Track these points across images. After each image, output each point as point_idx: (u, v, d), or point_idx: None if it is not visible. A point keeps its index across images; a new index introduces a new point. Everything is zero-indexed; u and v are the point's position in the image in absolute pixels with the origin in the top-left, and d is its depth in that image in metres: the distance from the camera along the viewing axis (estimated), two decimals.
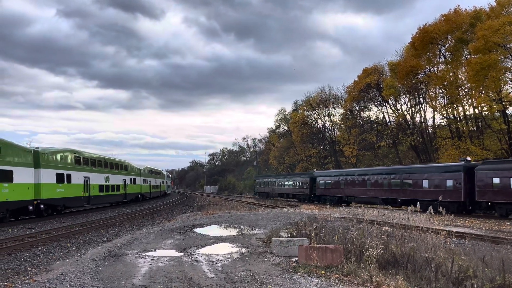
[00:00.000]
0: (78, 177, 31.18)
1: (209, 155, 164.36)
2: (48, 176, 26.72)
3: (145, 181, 53.86)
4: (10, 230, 19.73)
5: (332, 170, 47.69)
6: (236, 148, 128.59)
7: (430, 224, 10.97)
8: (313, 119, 68.12)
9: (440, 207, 9.95)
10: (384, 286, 7.65)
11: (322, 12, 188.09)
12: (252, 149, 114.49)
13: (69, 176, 29.71)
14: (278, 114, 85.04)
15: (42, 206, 25.77)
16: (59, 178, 28.24)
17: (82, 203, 31.97)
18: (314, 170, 50.73)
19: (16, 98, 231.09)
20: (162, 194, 70.40)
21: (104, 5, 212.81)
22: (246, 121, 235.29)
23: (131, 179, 45.99)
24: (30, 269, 10.52)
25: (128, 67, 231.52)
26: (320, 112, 66.35)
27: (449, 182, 27.40)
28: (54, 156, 28.02)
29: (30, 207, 24.42)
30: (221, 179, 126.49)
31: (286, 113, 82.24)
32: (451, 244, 10.40)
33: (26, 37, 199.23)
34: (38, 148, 27.60)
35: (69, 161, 30.32)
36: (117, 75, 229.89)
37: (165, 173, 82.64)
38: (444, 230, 10.33)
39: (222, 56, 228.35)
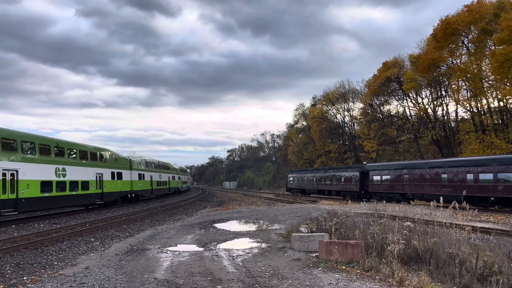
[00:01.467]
0: (147, 176, 44.52)
1: (228, 151, 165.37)
2: (135, 175, 40.22)
3: (179, 178, 68.24)
4: (36, 225, 20.29)
5: (391, 163, 39.44)
6: (254, 144, 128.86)
7: (454, 219, 10.76)
8: (332, 114, 67.63)
9: None
10: (406, 282, 7.56)
11: (339, 6, 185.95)
12: (270, 144, 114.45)
13: (143, 175, 43.12)
14: (296, 110, 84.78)
15: (133, 195, 39.36)
16: (140, 177, 41.82)
17: (149, 194, 45.81)
18: (365, 163, 44.70)
19: (40, 97, 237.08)
20: (188, 188, 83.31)
21: (121, 4, 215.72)
22: (263, 117, 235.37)
23: (172, 176, 60.69)
24: (56, 263, 10.81)
25: (147, 65, 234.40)
26: (339, 106, 65.76)
27: None
28: (137, 162, 41.91)
29: (129, 196, 38.27)
30: (240, 175, 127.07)
31: (305, 108, 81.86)
32: (476, 240, 10.19)
33: (48, 37, 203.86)
34: (129, 157, 41.92)
35: (142, 166, 43.69)
36: (136, 73, 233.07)
37: (178, 167, 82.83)
38: (468, 225, 10.13)
39: (238, 52, 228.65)
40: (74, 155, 28.16)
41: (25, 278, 9.05)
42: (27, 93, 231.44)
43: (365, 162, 45.63)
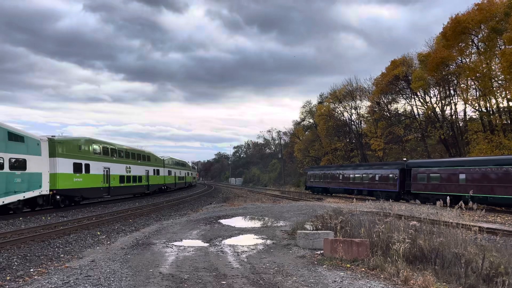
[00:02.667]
0: (173, 172, 56.51)
1: (234, 147, 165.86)
2: (166, 172, 52.55)
3: (191, 174, 77.72)
4: (43, 218, 20.48)
5: (443, 159, 34.76)
6: (261, 140, 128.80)
7: (460, 219, 10.70)
8: (339, 111, 67.29)
9: None
10: (411, 281, 7.53)
11: (346, 3, 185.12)
12: (276, 141, 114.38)
13: (170, 171, 54.93)
14: (303, 107, 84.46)
15: (164, 187, 51.50)
16: (169, 173, 54.06)
17: (174, 186, 57.54)
18: (405, 159, 40.07)
19: (47, 91, 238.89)
20: (195, 184, 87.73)
21: None
22: (269, 114, 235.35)
23: (187, 172, 71.43)
24: (62, 255, 10.91)
25: (153, 60, 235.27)
26: (347, 104, 65.41)
27: None
28: (167, 161, 53.46)
29: (162, 188, 50.54)
30: (246, 172, 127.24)
31: (312, 105, 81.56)
32: (482, 240, 10.12)
33: (56, 31, 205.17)
34: (163, 156, 53.60)
35: (170, 164, 55.24)
36: (142, 68, 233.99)
37: (190, 164, 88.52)
38: (475, 225, 10.07)
39: (245, 48, 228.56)
40: (134, 158, 39.37)
41: (31, 270, 9.15)
42: (35, 86, 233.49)
43: (405, 158, 40.56)
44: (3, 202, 19.76)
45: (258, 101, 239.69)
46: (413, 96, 51.84)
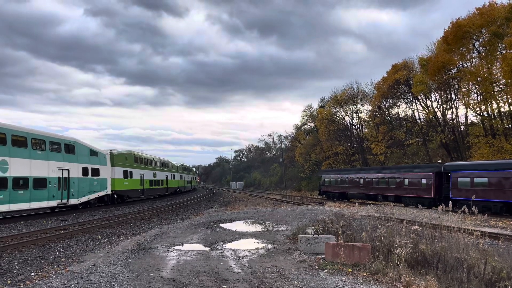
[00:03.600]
0: (183, 177, 65.70)
1: (235, 151, 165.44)
2: (179, 176, 62.17)
3: (193, 178, 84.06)
4: (44, 222, 20.47)
5: (491, 161, 29.85)
6: (261, 144, 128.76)
7: (462, 224, 10.66)
8: (340, 116, 67.31)
9: None
10: (413, 286, 7.50)
11: (345, 8, 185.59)
12: (278, 145, 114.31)
13: (181, 176, 64.25)
14: (304, 111, 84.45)
15: (178, 189, 59.88)
16: (181, 177, 63.77)
17: (183, 189, 65.97)
18: (440, 161, 36.50)
19: (48, 94, 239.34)
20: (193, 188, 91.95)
21: (128, 3, 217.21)
22: (270, 118, 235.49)
23: (192, 177, 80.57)
24: (63, 259, 10.90)
25: (154, 64, 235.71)
26: (348, 108, 65.43)
27: None
28: (179, 167, 63.45)
29: (176, 190, 58.72)
30: (247, 176, 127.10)
31: (313, 109, 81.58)
32: (484, 245, 10.08)
33: (57, 36, 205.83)
34: (176, 163, 62.92)
35: (181, 170, 64.97)
36: (143, 72, 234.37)
37: (194, 169, 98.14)
38: (477, 230, 10.03)
39: (245, 53, 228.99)
40: (157, 165, 47.60)
41: (32, 274, 9.14)
42: (36, 90, 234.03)
43: (439, 161, 36.81)
44: (88, 198, 28.02)
45: (258, 105, 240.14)
46: (414, 101, 51.86)
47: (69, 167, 25.54)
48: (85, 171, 27.57)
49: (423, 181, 32.20)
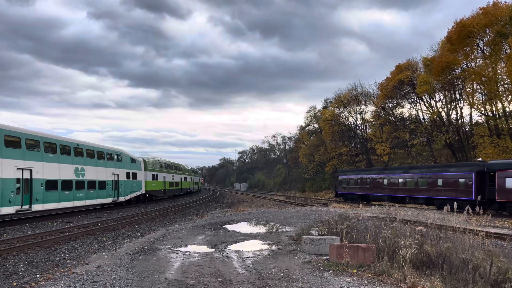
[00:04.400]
0: (193, 179, 73.74)
1: (239, 152, 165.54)
2: (190, 178, 68.47)
3: (199, 180, 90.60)
4: (49, 224, 20.57)
5: None
6: (265, 146, 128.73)
7: (467, 224, 10.61)
8: (344, 116, 67.15)
9: None
10: (418, 287, 7.47)
11: (347, 9, 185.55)
12: (281, 147, 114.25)
13: (191, 178, 72.00)
14: (308, 112, 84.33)
15: (189, 190, 65.48)
16: (191, 179, 69.80)
17: (193, 190, 72.59)
18: (480, 159, 32.52)
19: (52, 97, 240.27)
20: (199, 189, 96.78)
21: (131, 6, 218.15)
22: (273, 119, 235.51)
23: (199, 179, 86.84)
24: (68, 261, 10.94)
25: (157, 67, 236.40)
26: (352, 109, 65.26)
27: None
28: (190, 170, 73.14)
29: (188, 190, 64.85)
30: (251, 177, 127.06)
31: (316, 110, 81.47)
32: (490, 246, 10.02)
33: (61, 38, 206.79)
34: (187, 165, 73.30)
35: (191, 173, 73.26)
36: (147, 74, 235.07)
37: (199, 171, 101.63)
38: (482, 231, 9.98)
39: (247, 54, 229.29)
40: (173, 168, 54.82)
41: (38, 275, 9.18)
42: (40, 93, 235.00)
43: (480, 159, 32.85)
44: (130, 197, 35.02)
45: (261, 106, 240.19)
46: (418, 101, 51.64)
47: (118, 172, 32.30)
48: (128, 175, 34.61)
49: (462, 181, 29.11)
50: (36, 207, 20.93)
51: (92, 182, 27.35)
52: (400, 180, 35.79)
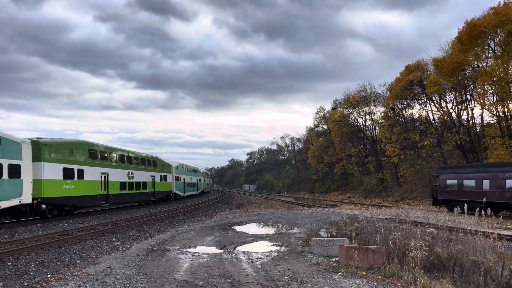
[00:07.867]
0: (205, 180, 78.74)
1: (247, 154, 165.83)
2: (203, 180, 75.25)
3: (210, 181, 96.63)
4: (60, 224, 20.77)
5: None
6: (274, 147, 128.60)
7: (478, 226, 10.49)
8: (353, 117, 66.77)
9: None
10: None
11: (351, 10, 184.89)
12: (290, 148, 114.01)
13: (204, 180, 77.02)
14: (317, 113, 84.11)
15: (202, 191, 72.95)
16: (204, 180, 75.25)
17: (206, 190, 78.56)
18: None
19: (62, 99, 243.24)
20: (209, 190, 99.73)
21: (136, 8, 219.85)
22: (280, 120, 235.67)
23: (209, 180, 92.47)
24: (79, 261, 11.03)
25: (164, 68, 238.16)
26: (361, 110, 64.90)
27: None
28: (203, 172, 76.95)
29: (203, 191, 73.57)
30: (260, 178, 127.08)
31: (325, 111, 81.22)
32: (501, 248, 9.89)
33: (69, 42, 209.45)
34: (201, 168, 77.81)
35: (204, 175, 77.02)
36: (154, 76, 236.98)
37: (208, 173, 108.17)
38: (494, 232, 9.85)
39: (253, 56, 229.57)
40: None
41: (49, 276, 9.27)
42: (50, 95, 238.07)
43: None
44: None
45: (268, 107, 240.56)
46: (428, 102, 51.18)
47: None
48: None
49: None
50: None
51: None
52: None
